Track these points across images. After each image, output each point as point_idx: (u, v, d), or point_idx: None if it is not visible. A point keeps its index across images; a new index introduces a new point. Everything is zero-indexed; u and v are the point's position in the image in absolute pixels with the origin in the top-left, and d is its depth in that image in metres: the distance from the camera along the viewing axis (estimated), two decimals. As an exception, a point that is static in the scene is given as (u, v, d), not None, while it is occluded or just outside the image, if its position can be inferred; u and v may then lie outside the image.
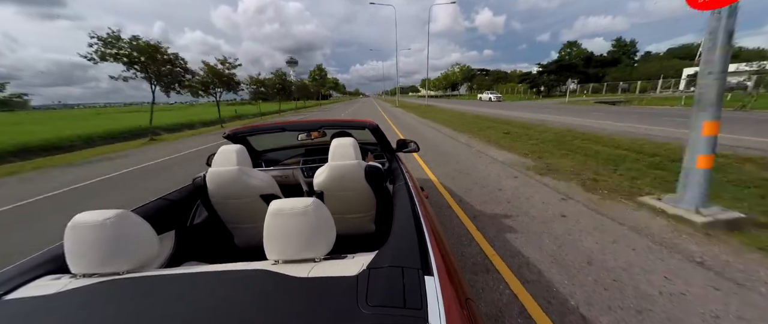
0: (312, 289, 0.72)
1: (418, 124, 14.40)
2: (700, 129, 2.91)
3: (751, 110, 14.00)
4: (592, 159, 5.58)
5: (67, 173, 7.13)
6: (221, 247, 1.82)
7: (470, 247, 2.72)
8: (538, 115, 15.50)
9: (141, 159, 8.57)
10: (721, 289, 2.03)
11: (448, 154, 7.03)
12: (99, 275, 0.83)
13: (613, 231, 2.90)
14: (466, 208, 3.66)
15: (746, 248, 2.48)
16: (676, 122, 10.47)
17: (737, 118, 10.91)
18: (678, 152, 5.24)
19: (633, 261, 2.39)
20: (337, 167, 1.59)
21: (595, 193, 3.93)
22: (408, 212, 1.18)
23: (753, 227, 2.79)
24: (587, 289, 2.07)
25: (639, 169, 4.74)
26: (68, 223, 0.84)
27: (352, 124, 2.39)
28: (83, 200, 4.96)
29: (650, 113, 15.03)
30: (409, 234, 0.99)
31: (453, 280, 0.81)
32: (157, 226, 1.04)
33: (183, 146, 10.82)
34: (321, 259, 0.85)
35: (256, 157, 2.82)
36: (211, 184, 1.56)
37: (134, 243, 0.89)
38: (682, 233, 2.78)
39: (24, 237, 3.56)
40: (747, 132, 7.86)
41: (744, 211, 2.95)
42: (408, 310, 0.63)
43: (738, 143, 6.39)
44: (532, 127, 10.53)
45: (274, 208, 0.85)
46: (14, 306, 0.74)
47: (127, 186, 5.71)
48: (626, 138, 7.45)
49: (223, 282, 0.79)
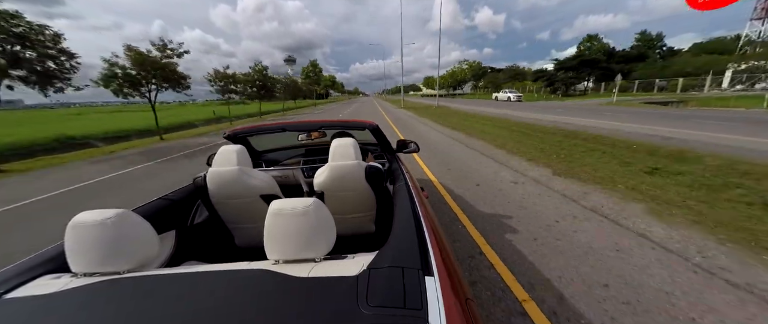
0: (312, 289, 0.72)
1: (447, 141, 8.63)
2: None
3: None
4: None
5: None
6: (221, 247, 1.82)
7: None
8: (612, 123, 10.44)
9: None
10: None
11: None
12: (99, 274, 0.83)
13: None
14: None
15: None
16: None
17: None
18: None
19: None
20: (338, 167, 1.59)
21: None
22: (408, 212, 1.18)
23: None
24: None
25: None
26: (69, 222, 0.84)
27: (352, 124, 2.39)
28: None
29: (733, 118, 11.24)
30: (409, 234, 1.00)
31: (453, 280, 0.81)
32: (157, 225, 1.04)
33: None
34: (321, 259, 0.85)
35: (257, 158, 2.82)
36: (211, 184, 1.56)
37: (134, 242, 0.89)
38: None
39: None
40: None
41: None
42: (408, 311, 0.63)
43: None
44: (660, 147, 5.87)
45: (275, 208, 0.85)
46: (14, 305, 0.74)
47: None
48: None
49: (223, 282, 0.79)
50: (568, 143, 6.87)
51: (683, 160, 5.05)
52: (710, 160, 4.87)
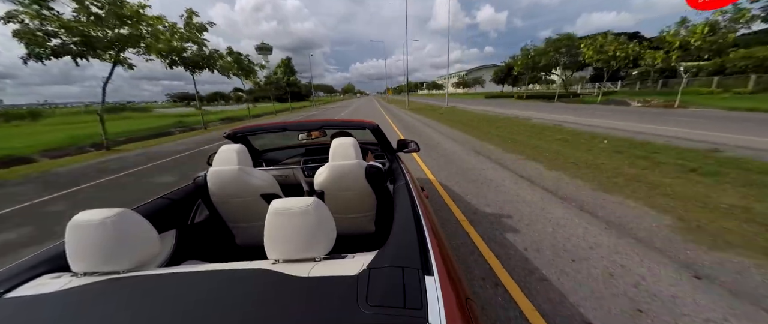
0: (312, 288, 0.72)
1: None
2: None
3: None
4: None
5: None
6: (222, 247, 1.82)
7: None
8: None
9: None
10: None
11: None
12: (100, 274, 0.83)
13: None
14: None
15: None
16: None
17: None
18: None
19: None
20: (338, 167, 1.60)
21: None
22: (408, 212, 1.18)
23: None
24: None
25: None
26: (69, 221, 0.84)
27: (352, 124, 2.40)
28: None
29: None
30: (409, 234, 0.99)
31: (453, 280, 0.81)
32: (157, 225, 1.04)
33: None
34: (321, 259, 0.85)
35: (257, 157, 2.82)
36: (211, 184, 1.56)
37: (135, 242, 0.89)
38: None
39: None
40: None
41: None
42: (408, 310, 0.63)
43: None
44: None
45: (275, 207, 0.85)
46: (15, 304, 0.75)
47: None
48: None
49: (223, 281, 0.80)
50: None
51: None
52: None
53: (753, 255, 2.44)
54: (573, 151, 6.32)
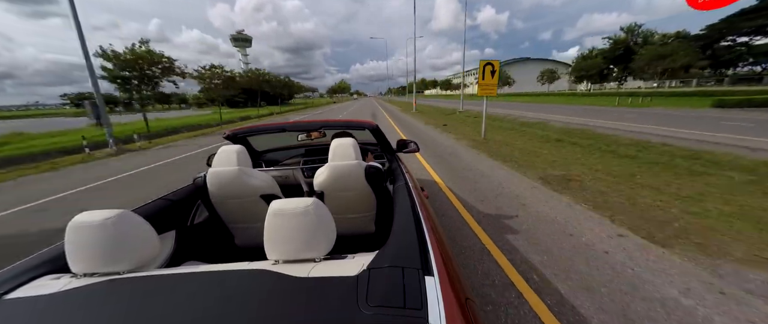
0: (312, 289, 0.71)
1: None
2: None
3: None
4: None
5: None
6: (221, 247, 1.82)
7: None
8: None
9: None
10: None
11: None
12: (99, 275, 0.83)
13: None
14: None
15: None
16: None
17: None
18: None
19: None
20: (338, 167, 1.59)
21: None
22: (408, 212, 1.18)
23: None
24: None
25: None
26: (69, 222, 0.84)
27: (352, 124, 2.40)
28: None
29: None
30: (409, 234, 0.99)
31: (453, 280, 0.81)
32: (157, 226, 1.04)
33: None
34: (321, 259, 0.85)
35: (257, 158, 2.82)
36: (211, 184, 1.56)
37: (135, 243, 0.89)
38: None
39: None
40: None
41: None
42: (408, 311, 0.63)
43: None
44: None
45: (275, 208, 0.85)
46: (14, 306, 0.74)
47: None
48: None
49: (223, 282, 0.79)
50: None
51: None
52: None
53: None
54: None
